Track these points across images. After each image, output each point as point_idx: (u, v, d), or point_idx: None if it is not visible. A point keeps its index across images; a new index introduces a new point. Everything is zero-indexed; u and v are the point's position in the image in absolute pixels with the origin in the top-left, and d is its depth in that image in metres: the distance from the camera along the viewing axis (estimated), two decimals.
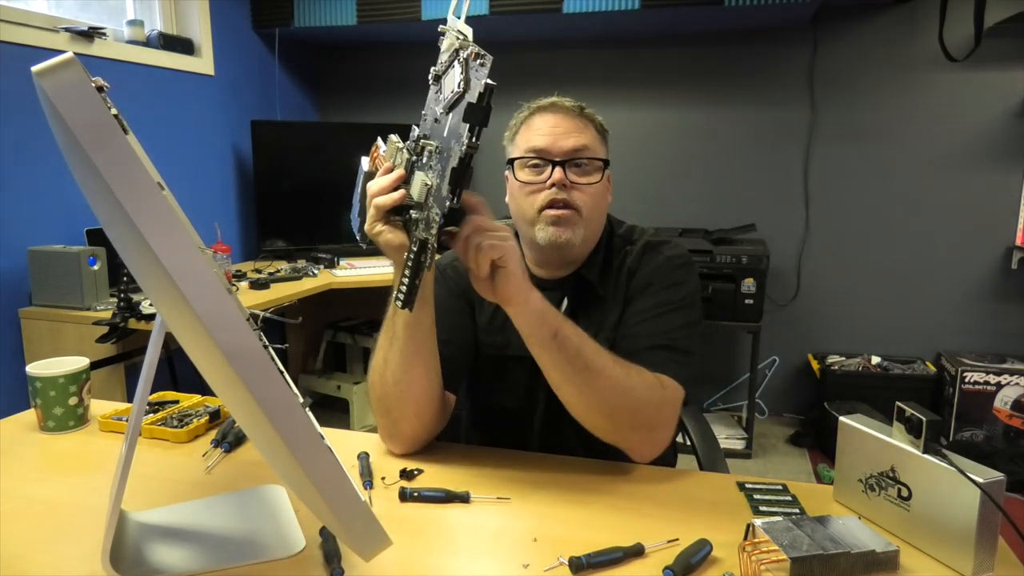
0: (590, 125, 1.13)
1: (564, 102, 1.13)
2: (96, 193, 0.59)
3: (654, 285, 1.11)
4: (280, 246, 3.12)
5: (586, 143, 1.10)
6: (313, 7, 3.04)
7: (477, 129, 0.75)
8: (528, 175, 1.10)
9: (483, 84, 0.74)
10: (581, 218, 1.09)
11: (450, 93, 0.80)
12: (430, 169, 0.84)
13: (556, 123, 1.10)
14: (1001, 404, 2.71)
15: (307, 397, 3.26)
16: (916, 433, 0.78)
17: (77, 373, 1.13)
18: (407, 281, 0.83)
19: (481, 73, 0.75)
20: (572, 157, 1.09)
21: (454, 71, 0.80)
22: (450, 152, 0.79)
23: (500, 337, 1.16)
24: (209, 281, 0.51)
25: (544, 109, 1.13)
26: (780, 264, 3.15)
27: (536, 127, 1.11)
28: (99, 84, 0.60)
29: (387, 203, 0.89)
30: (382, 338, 1.02)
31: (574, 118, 1.11)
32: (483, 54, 0.75)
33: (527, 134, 1.12)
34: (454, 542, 0.81)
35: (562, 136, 1.09)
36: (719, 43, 3.11)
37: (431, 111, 0.86)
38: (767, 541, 0.73)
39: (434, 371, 1.03)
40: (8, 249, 2.12)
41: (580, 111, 1.13)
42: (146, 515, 0.86)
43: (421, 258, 0.82)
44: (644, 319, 1.09)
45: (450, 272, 1.19)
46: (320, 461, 0.56)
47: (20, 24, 2.13)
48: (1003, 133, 2.83)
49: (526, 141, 1.11)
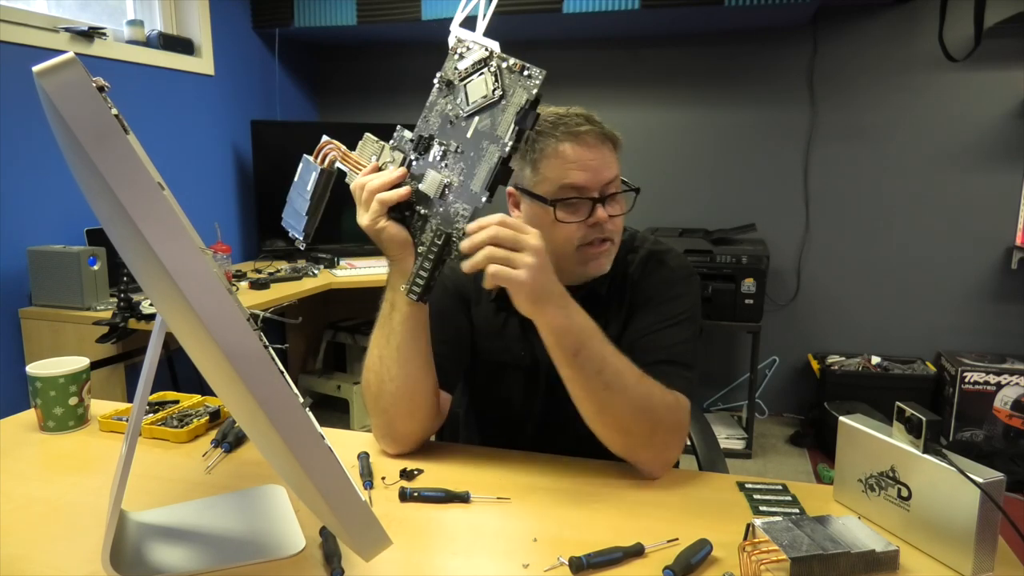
0: (613, 144, 1.07)
1: (591, 127, 1.03)
2: (96, 193, 0.60)
3: (655, 299, 1.11)
4: (280, 246, 3.12)
5: (616, 172, 1.05)
6: (313, 7, 3.04)
7: (520, 132, 0.83)
8: (568, 216, 1.03)
9: (534, 94, 0.83)
10: (615, 245, 1.08)
11: (480, 98, 0.87)
12: (445, 167, 0.89)
13: (591, 155, 1.02)
14: (1001, 404, 2.71)
15: (307, 397, 3.26)
16: (916, 433, 0.78)
17: (77, 373, 1.13)
18: (426, 274, 0.88)
19: (531, 84, 0.83)
20: (610, 192, 1.04)
21: (482, 79, 0.87)
22: (480, 152, 0.86)
23: (497, 342, 1.16)
24: (209, 281, 0.51)
25: (573, 137, 1.02)
26: (780, 264, 3.15)
27: (570, 158, 1.01)
28: (99, 84, 0.60)
29: (393, 198, 0.90)
30: (376, 336, 1.01)
31: (603, 143, 1.04)
32: (531, 67, 0.84)
33: (560, 166, 1.02)
34: (454, 542, 0.81)
35: (599, 169, 1.02)
36: (719, 43, 3.11)
37: (440, 114, 0.90)
38: (767, 541, 0.73)
39: (429, 367, 1.03)
40: (8, 249, 2.12)
41: (605, 135, 1.05)
42: (146, 515, 0.86)
43: (444, 252, 0.88)
44: (648, 333, 1.08)
45: (446, 271, 1.17)
46: (320, 461, 0.56)
47: (20, 24, 2.14)
48: (1003, 133, 2.83)
49: (560, 175, 1.01)
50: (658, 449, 0.98)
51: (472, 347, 1.17)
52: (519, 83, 0.84)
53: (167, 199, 0.54)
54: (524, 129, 0.83)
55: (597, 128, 1.04)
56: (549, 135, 1.03)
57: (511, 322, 1.15)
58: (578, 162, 1.02)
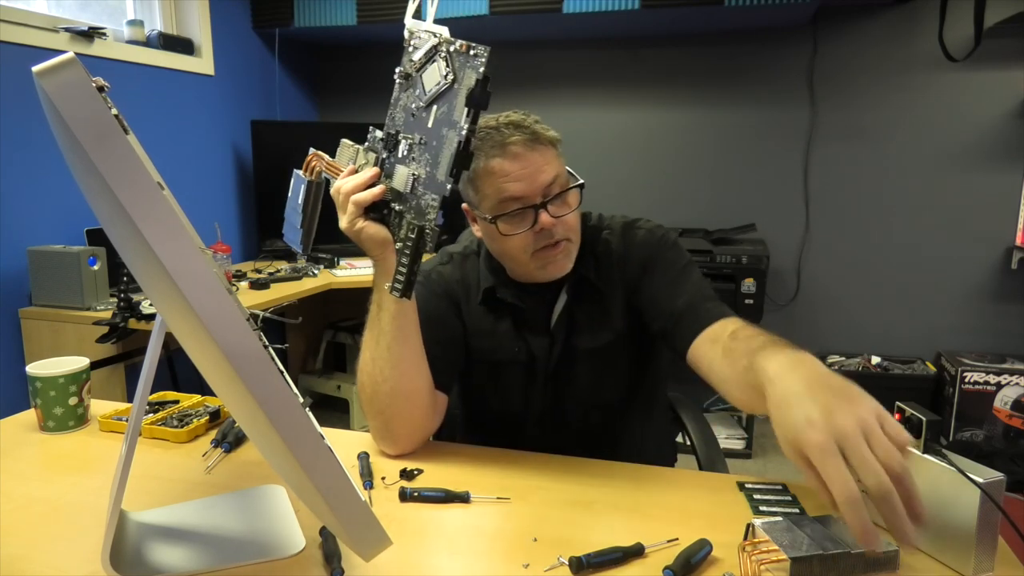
0: (548, 149, 1.04)
1: (517, 137, 1.01)
2: (96, 193, 0.59)
3: (655, 258, 1.13)
4: (280, 246, 3.12)
5: (555, 173, 1.03)
6: (313, 7, 3.04)
7: (475, 113, 0.81)
8: (513, 228, 1.03)
9: (481, 72, 0.80)
10: (572, 243, 1.08)
11: (435, 86, 0.85)
12: (413, 161, 0.88)
13: (520, 165, 1.01)
14: (1001, 404, 2.71)
15: (307, 397, 3.26)
16: (916, 433, 0.78)
17: (77, 373, 1.13)
18: (405, 269, 0.87)
19: (477, 63, 0.81)
20: (551, 194, 1.03)
21: (435, 66, 0.85)
22: (441, 140, 0.84)
23: (490, 341, 1.16)
24: (209, 281, 0.51)
25: (500, 151, 1.01)
26: (780, 264, 3.15)
27: (500, 172, 1.02)
28: (99, 84, 0.60)
29: (368, 199, 0.90)
30: (367, 337, 1.01)
31: (534, 148, 1.02)
32: (474, 45, 0.81)
33: (493, 182, 1.02)
34: (454, 542, 0.81)
35: (533, 175, 1.01)
36: (719, 43, 3.11)
37: (403, 108, 0.90)
38: (767, 541, 0.73)
39: (421, 364, 1.03)
40: (8, 249, 2.12)
41: (535, 140, 1.02)
42: (146, 515, 0.86)
43: (419, 245, 0.86)
44: (675, 291, 1.08)
45: (434, 276, 1.18)
46: (320, 461, 0.56)
47: (20, 24, 2.14)
48: (1003, 133, 2.83)
49: (496, 192, 1.02)
50: None
51: (466, 348, 1.17)
52: (468, 64, 0.82)
53: (167, 199, 0.54)
54: (478, 109, 0.81)
55: (524, 135, 1.02)
56: (479, 152, 1.03)
57: (503, 321, 1.15)
58: (509, 175, 1.01)
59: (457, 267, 1.19)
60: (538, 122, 1.06)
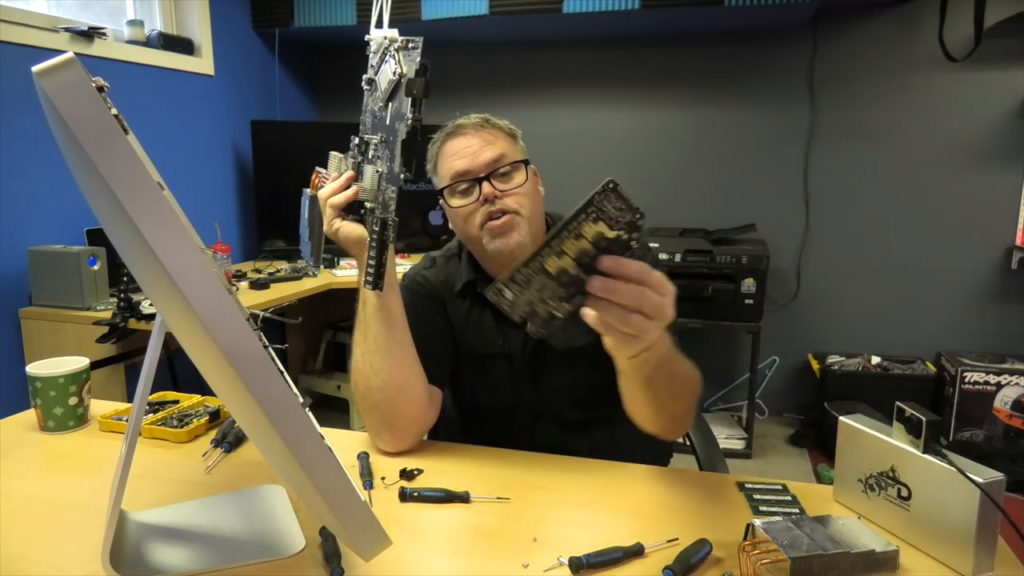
0: (499, 133, 1.15)
1: (467, 121, 1.15)
2: (96, 193, 0.59)
3: None
4: (280, 246, 3.12)
5: (501, 151, 1.12)
6: (313, 7, 3.04)
7: (419, 103, 0.87)
8: (460, 200, 1.13)
9: (417, 61, 0.86)
10: (523, 218, 1.11)
11: (387, 84, 0.91)
12: (379, 159, 0.95)
13: (467, 143, 1.12)
14: (1001, 404, 2.71)
15: (307, 397, 3.26)
16: (916, 433, 0.78)
17: (77, 373, 1.13)
18: (373, 261, 0.93)
19: (414, 54, 0.87)
20: (493, 169, 1.11)
21: (386, 66, 0.91)
22: (395, 134, 0.90)
23: (475, 335, 1.19)
24: (209, 281, 0.51)
25: (452, 134, 1.15)
26: (780, 264, 3.15)
27: (451, 152, 1.13)
28: (99, 84, 0.60)
29: (340, 201, 0.98)
30: (356, 336, 1.05)
31: (481, 132, 1.14)
32: (412, 39, 0.87)
33: (445, 162, 1.14)
34: (454, 542, 0.81)
35: (477, 152, 1.11)
36: (719, 43, 3.11)
37: (369, 112, 0.97)
38: (767, 541, 0.73)
39: (412, 358, 1.05)
40: (8, 249, 2.12)
41: (485, 123, 1.15)
42: (146, 515, 0.86)
43: (384, 236, 0.92)
44: None
45: (419, 279, 1.22)
46: (320, 461, 0.56)
47: (20, 24, 2.13)
48: (1003, 133, 2.83)
49: (448, 169, 1.13)
50: (691, 419, 1.02)
51: (455, 343, 1.20)
52: (408, 57, 0.89)
53: (167, 199, 0.54)
54: (417, 97, 0.87)
55: (475, 120, 1.14)
56: (436, 141, 1.17)
57: (485, 315, 1.18)
58: (457, 153, 1.12)
59: (441, 270, 1.23)
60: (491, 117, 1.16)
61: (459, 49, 3.40)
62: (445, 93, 3.50)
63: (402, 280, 1.23)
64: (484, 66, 3.41)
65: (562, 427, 1.19)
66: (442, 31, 3.09)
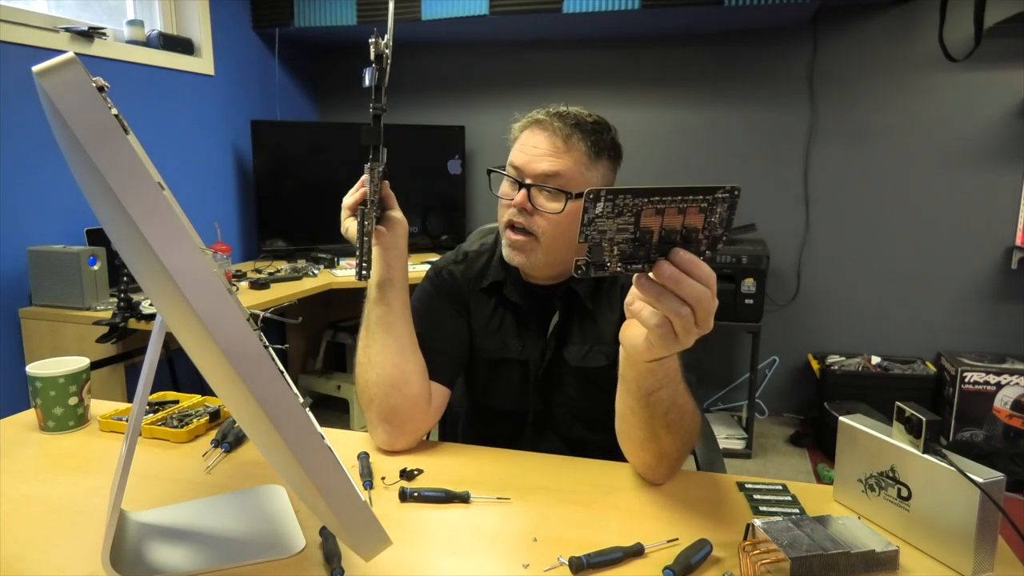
0: (578, 147, 1.06)
1: (554, 121, 1.06)
2: (96, 193, 0.59)
3: None
4: (280, 246, 3.12)
5: (560, 170, 1.04)
6: (313, 7, 3.04)
7: (375, 91, 0.95)
8: (503, 188, 1.11)
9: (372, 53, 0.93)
10: (539, 244, 1.07)
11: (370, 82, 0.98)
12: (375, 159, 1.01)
13: (537, 143, 1.06)
14: (1001, 404, 2.71)
15: (307, 397, 3.26)
16: (916, 433, 0.78)
17: (77, 373, 1.13)
18: (358, 250, 0.97)
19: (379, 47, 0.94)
20: (541, 183, 1.05)
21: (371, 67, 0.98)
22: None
23: (495, 339, 1.18)
24: (209, 281, 0.51)
25: (536, 124, 1.08)
26: (780, 264, 3.15)
27: (522, 140, 1.09)
28: (99, 84, 0.60)
29: (349, 201, 1.03)
30: (361, 336, 1.06)
31: (558, 140, 1.05)
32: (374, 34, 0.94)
33: (514, 146, 1.11)
34: (454, 542, 0.81)
35: (538, 158, 1.05)
36: (719, 43, 3.11)
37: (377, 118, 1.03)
38: (767, 541, 0.73)
39: (409, 353, 1.05)
40: (8, 249, 2.12)
41: (570, 134, 1.05)
42: (146, 515, 0.86)
43: (363, 225, 0.97)
44: None
45: (445, 275, 1.21)
46: (320, 461, 0.56)
47: (20, 24, 2.14)
48: (1003, 133, 2.83)
49: (511, 154, 1.11)
50: (678, 465, 0.96)
51: (470, 346, 1.19)
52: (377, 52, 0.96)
53: (167, 199, 0.54)
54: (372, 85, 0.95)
55: (555, 121, 1.06)
56: (524, 117, 1.12)
57: (507, 319, 1.18)
58: (524, 145, 1.08)
59: (470, 266, 1.21)
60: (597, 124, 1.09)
61: (459, 49, 3.40)
62: (446, 93, 3.51)
63: (429, 269, 1.23)
64: (484, 66, 3.41)
65: (565, 442, 1.18)
66: (442, 31, 3.09)
